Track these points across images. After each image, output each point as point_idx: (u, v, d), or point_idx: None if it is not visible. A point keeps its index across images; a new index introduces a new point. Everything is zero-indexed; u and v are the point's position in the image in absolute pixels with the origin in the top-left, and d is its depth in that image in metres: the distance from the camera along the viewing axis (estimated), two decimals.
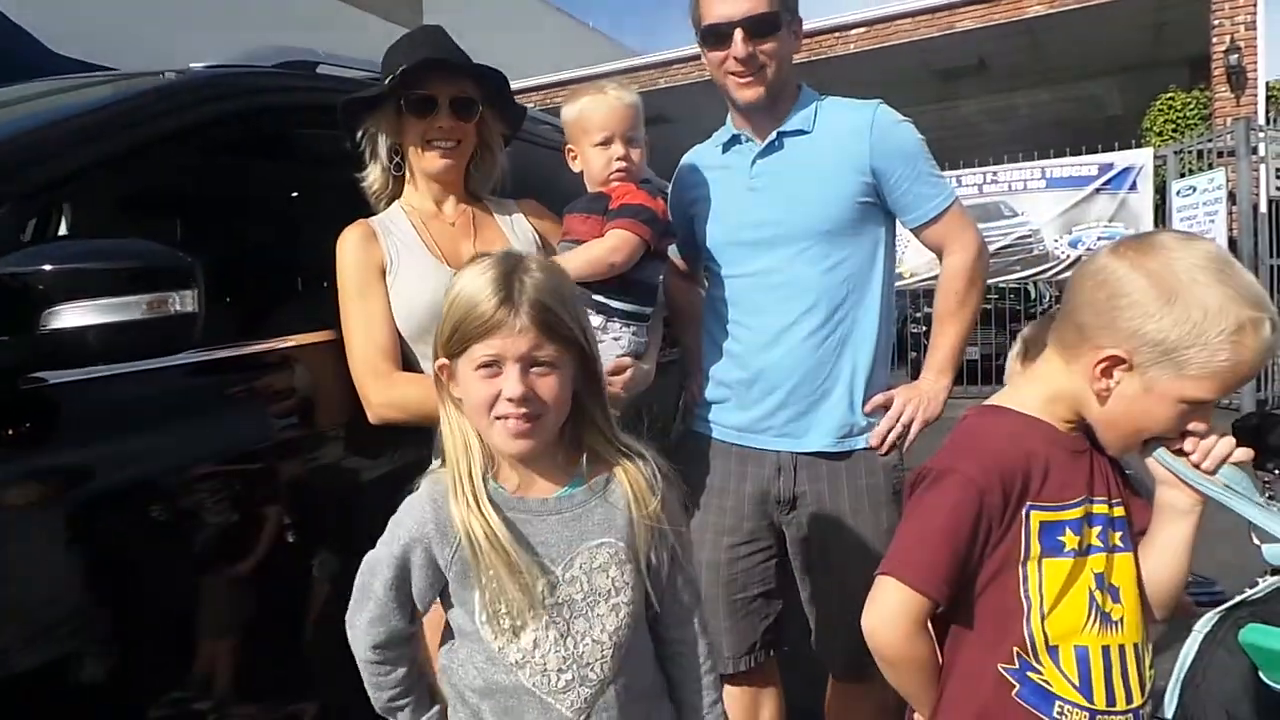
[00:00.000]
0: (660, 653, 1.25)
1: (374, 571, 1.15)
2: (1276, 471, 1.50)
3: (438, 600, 1.20)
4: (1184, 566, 1.17)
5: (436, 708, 1.21)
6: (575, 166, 1.79)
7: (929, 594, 1.12)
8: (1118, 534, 1.19)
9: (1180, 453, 1.14)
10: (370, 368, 1.59)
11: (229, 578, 1.47)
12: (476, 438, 1.14)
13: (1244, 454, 1.12)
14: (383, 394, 1.58)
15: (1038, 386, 1.23)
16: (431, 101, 1.66)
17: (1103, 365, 1.12)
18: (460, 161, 1.74)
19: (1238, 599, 1.13)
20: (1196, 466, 1.12)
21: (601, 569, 1.14)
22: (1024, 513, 1.14)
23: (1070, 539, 1.14)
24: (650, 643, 1.23)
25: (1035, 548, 1.14)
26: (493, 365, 1.08)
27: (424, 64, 1.64)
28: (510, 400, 1.07)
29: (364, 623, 1.15)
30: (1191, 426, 1.12)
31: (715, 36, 1.74)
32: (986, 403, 1.27)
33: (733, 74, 1.75)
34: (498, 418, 1.09)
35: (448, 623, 1.20)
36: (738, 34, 1.70)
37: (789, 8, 1.75)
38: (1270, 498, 1.49)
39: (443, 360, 1.14)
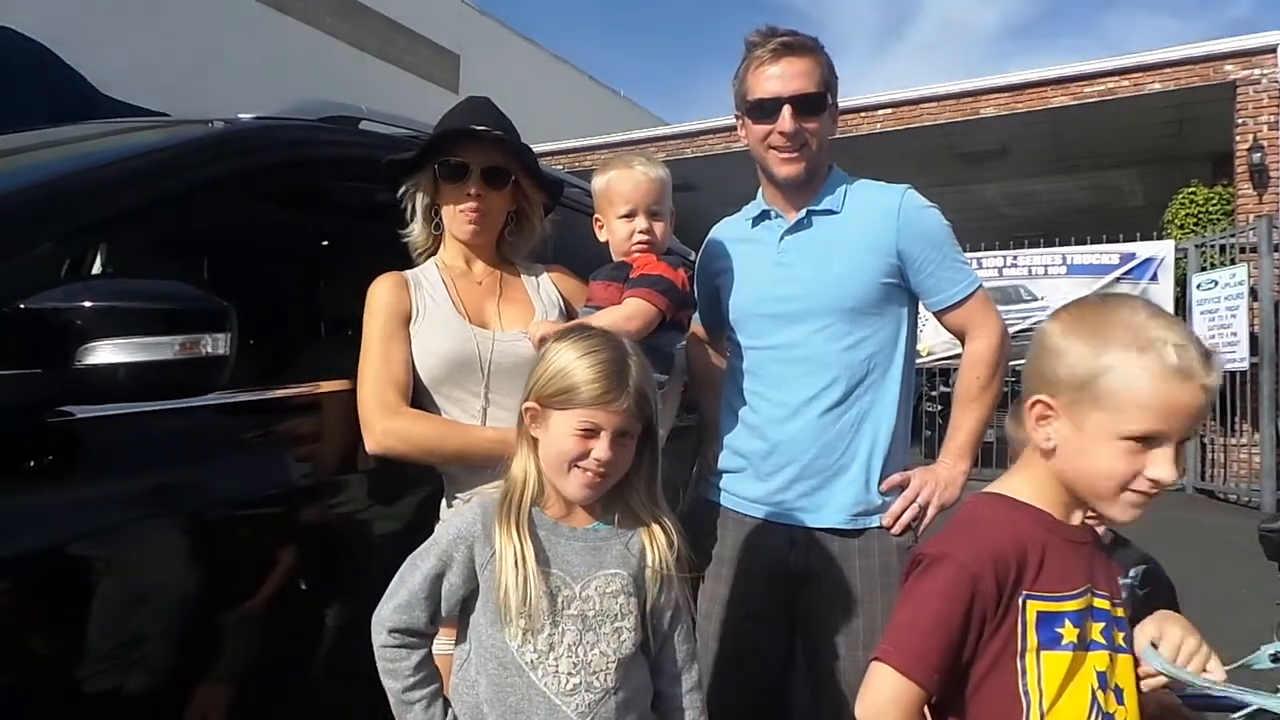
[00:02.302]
0: (658, 706, 1.39)
1: (416, 563, 1.31)
2: None
3: (448, 650, 1.37)
4: None
5: (451, 711, 1.32)
6: (602, 236, 1.82)
7: (919, 681, 1.10)
8: (1121, 634, 1.17)
9: None
10: (379, 399, 1.61)
11: (238, 620, 1.46)
12: (536, 473, 1.34)
13: (1218, 675, 1.11)
14: (388, 423, 1.60)
15: (1025, 471, 1.24)
16: (464, 169, 1.73)
17: (1035, 414, 1.16)
18: (490, 227, 1.79)
19: (1256, 705, 1.10)
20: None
21: (612, 595, 1.32)
22: (1020, 601, 1.12)
23: (1069, 631, 1.12)
24: (650, 685, 1.38)
25: (1032, 639, 1.12)
26: (591, 431, 1.28)
27: (457, 133, 1.72)
28: (598, 461, 1.28)
29: (389, 609, 1.29)
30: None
31: (762, 111, 1.78)
32: (985, 489, 1.27)
33: (775, 148, 1.80)
34: (577, 468, 1.29)
35: (459, 646, 1.35)
36: (786, 110, 1.75)
37: (832, 91, 1.81)
38: None
39: (533, 405, 1.33)
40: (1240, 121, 9.20)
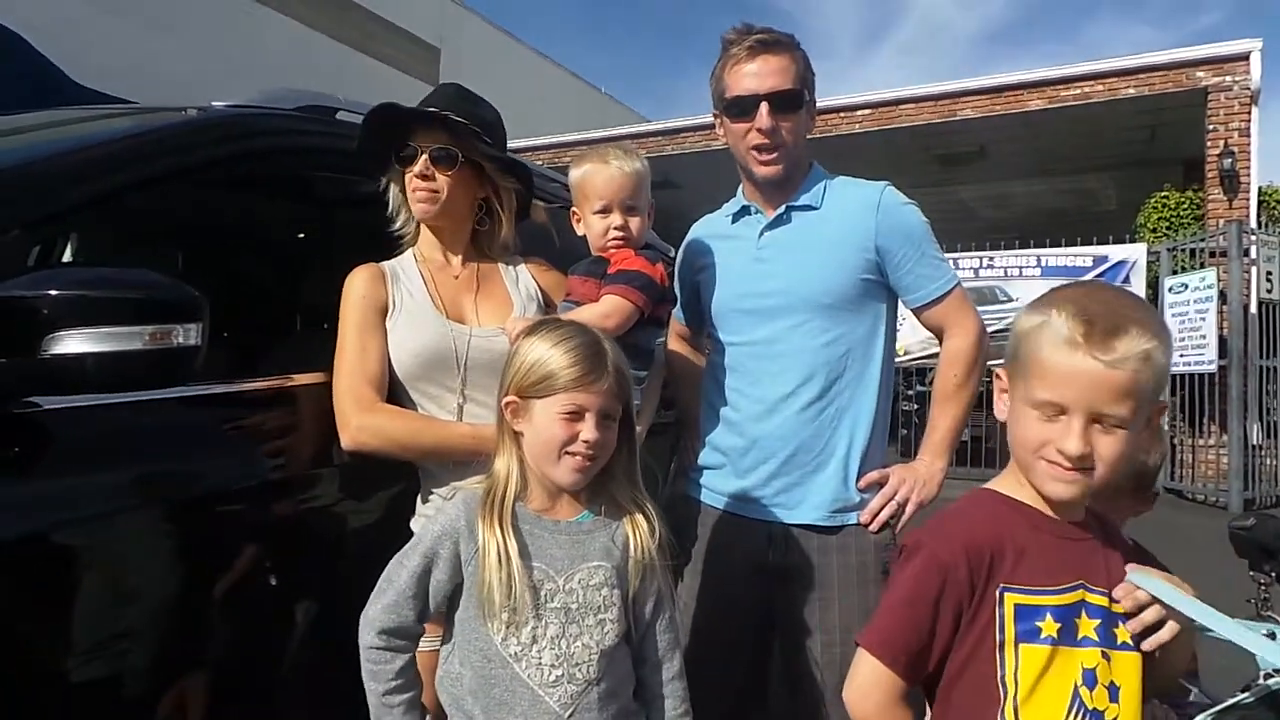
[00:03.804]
0: (640, 695, 1.40)
1: (402, 562, 1.31)
2: (1274, 575, 1.48)
3: (434, 646, 1.37)
4: (1181, 660, 1.18)
5: (428, 716, 1.33)
6: (579, 230, 1.81)
7: (891, 666, 1.14)
8: (1127, 632, 1.16)
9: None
10: (354, 394, 1.59)
11: (208, 616, 1.43)
12: (519, 467, 1.35)
13: (1169, 632, 1.12)
14: (363, 418, 1.58)
15: (1012, 467, 1.25)
16: (413, 151, 1.71)
17: (998, 387, 1.22)
18: (449, 211, 1.75)
19: (1228, 702, 1.11)
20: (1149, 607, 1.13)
21: (595, 587, 1.32)
22: (997, 593, 1.13)
23: (1049, 625, 1.13)
24: (634, 674, 1.39)
25: (1010, 631, 1.13)
26: (575, 414, 1.29)
27: (409, 119, 1.71)
28: (586, 443, 1.29)
29: (378, 609, 1.29)
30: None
31: (740, 108, 1.78)
32: (983, 486, 1.28)
33: (754, 147, 1.79)
34: (567, 454, 1.30)
35: (446, 637, 1.35)
36: (763, 107, 1.74)
37: (809, 87, 1.81)
38: (1266, 599, 1.48)
39: (514, 399, 1.33)
40: (1212, 128, 9.35)
